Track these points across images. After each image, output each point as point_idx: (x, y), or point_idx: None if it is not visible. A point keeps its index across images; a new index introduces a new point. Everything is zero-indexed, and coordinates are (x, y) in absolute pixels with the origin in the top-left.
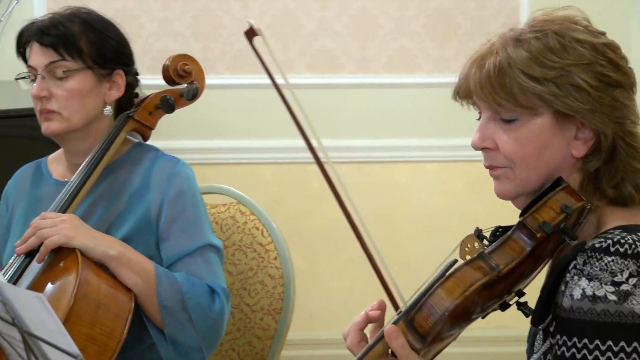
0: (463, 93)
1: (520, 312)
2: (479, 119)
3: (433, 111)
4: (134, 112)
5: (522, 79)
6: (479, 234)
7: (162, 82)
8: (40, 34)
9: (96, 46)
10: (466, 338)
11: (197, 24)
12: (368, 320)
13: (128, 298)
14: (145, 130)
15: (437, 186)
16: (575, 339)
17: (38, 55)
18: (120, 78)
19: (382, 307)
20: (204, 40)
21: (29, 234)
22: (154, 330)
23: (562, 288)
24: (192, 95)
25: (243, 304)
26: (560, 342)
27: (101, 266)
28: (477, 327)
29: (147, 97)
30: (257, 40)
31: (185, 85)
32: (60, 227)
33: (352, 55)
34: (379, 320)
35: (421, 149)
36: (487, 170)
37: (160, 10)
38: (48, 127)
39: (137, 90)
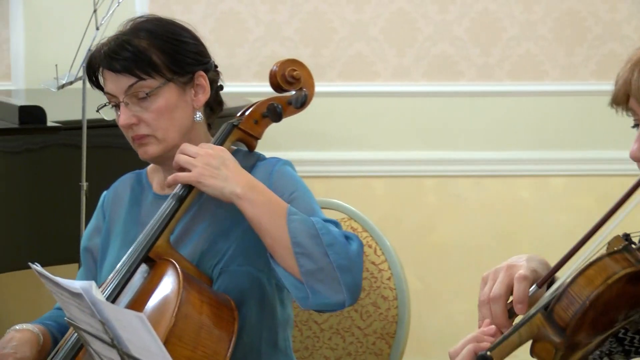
0: (621, 99)
1: None
2: (633, 126)
3: (560, 121)
4: (239, 121)
5: None
6: (626, 237)
7: (269, 89)
8: (109, 60)
9: (169, 54)
10: None
11: (306, 28)
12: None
13: (232, 318)
14: (251, 140)
15: (563, 203)
16: None
17: (114, 83)
18: (203, 79)
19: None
20: (314, 45)
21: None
22: (288, 277)
23: None
24: (301, 103)
25: (354, 326)
26: None
27: (204, 286)
28: None
29: (253, 105)
30: None
31: (294, 92)
32: (196, 164)
33: (472, 61)
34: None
35: (546, 162)
36: None
37: (267, 13)
38: (145, 152)
39: (220, 83)
